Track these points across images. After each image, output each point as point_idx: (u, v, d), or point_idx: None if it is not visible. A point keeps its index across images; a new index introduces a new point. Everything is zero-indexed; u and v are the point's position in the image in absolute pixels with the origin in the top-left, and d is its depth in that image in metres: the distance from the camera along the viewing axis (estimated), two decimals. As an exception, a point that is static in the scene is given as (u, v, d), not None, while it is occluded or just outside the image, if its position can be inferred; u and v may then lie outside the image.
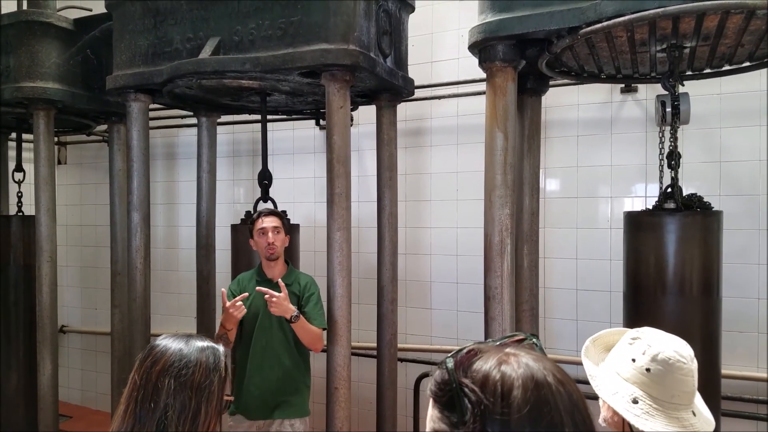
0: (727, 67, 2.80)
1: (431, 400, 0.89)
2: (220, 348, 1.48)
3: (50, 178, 3.92)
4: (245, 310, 2.93)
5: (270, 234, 3.11)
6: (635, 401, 1.36)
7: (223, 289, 3.03)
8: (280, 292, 2.91)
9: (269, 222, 3.13)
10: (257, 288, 2.96)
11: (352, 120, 4.06)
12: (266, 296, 2.86)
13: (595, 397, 1.48)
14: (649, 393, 1.36)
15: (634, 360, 1.40)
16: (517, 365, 0.83)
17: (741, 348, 3.42)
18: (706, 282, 2.53)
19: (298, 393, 3.16)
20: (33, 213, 3.98)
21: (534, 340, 0.94)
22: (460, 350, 0.89)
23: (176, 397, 1.35)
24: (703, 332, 2.56)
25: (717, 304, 2.58)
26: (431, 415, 0.88)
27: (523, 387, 0.80)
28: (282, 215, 3.24)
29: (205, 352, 1.43)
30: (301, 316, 2.97)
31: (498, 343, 0.92)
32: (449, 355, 0.89)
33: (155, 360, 1.39)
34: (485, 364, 0.84)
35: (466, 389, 0.82)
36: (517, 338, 0.94)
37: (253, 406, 3.12)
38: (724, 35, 2.30)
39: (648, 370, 1.36)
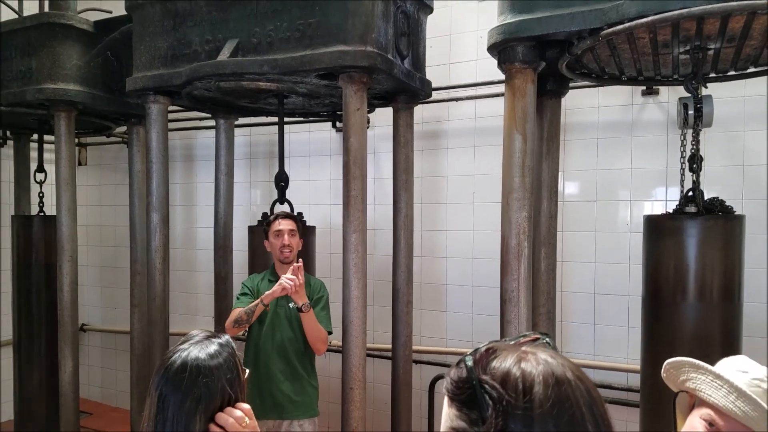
0: (752, 69, 2.74)
1: (447, 399, 0.88)
2: (224, 338, 1.44)
3: (71, 178, 3.97)
4: (300, 282, 2.91)
5: (286, 236, 3.13)
6: None
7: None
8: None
9: (286, 225, 3.16)
10: (294, 266, 2.94)
11: (368, 122, 4.07)
12: (288, 277, 2.89)
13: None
14: None
15: None
16: (536, 362, 0.83)
17: (761, 354, 3.35)
18: (727, 287, 2.49)
19: (305, 393, 3.19)
20: (54, 213, 4.04)
21: (547, 339, 0.94)
22: (478, 349, 0.89)
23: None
24: (724, 338, 2.51)
25: (738, 309, 2.53)
26: (448, 413, 0.88)
27: (544, 383, 0.80)
28: (298, 219, 3.26)
29: (221, 357, 1.39)
30: (312, 309, 3.03)
31: (513, 342, 0.92)
32: (467, 353, 0.89)
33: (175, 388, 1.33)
34: (504, 362, 0.84)
35: (487, 386, 0.82)
36: (530, 338, 0.94)
37: (263, 406, 3.14)
38: (750, 36, 2.25)
39: None
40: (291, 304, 3.09)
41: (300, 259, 2.98)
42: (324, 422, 3.33)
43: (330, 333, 3.19)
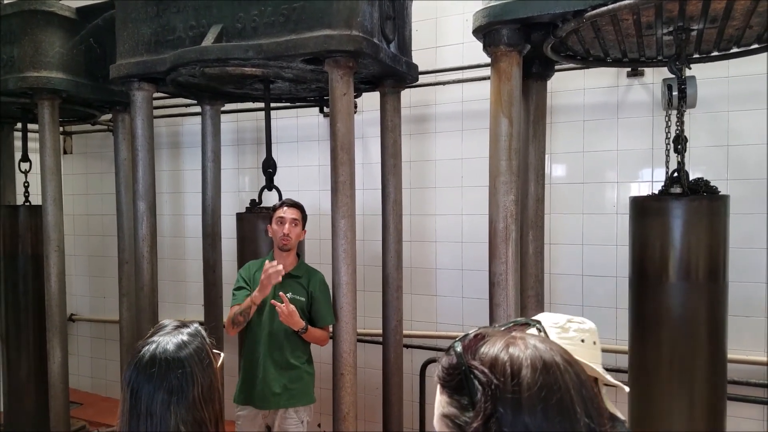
0: (735, 50, 2.76)
1: (439, 386, 0.89)
2: (193, 327, 1.43)
3: (56, 167, 3.93)
4: (281, 277, 2.95)
5: (287, 225, 3.14)
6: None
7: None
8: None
9: (289, 213, 3.16)
10: (272, 301, 3.00)
11: (356, 107, 4.05)
12: (276, 308, 2.94)
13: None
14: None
15: (582, 341, 1.60)
16: (524, 347, 0.84)
17: (748, 332, 3.41)
18: (712, 267, 2.52)
19: (301, 381, 3.20)
20: (40, 203, 4.00)
21: (537, 325, 0.95)
22: (467, 335, 0.90)
23: (185, 417, 1.31)
24: (709, 317, 2.55)
25: (723, 289, 2.57)
26: (440, 400, 0.89)
27: (531, 367, 0.81)
28: (303, 209, 3.26)
29: (190, 347, 1.36)
30: (309, 327, 3.08)
31: (503, 328, 0.92)
32: (456, 339, 0.90)
33: (148, 383, 1.32)
34: (493, 347, 0.85)
35: (476, 371, 0.83)
36: (521, 324, 0.95)
37: (259, 395, 3.15)
38: (732, 17, 2.26)
39: (583, 340, 1.59)
40: (289, 294, 3.09)
41: (287, 300, 2.97)
42: (316, 407, 3.34)
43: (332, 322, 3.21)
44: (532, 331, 0.97)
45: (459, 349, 0.87)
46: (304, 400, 3.22)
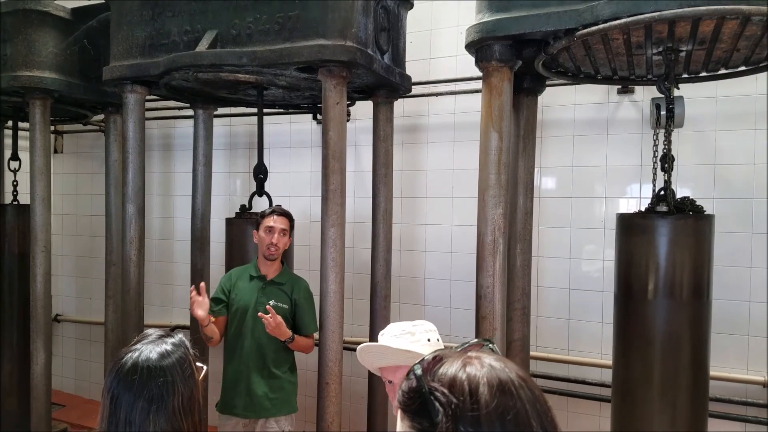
0: (723, 71, 2.80)
1: (400, 412, 0.91)
2: (178, 338, 1.43)
3: (46, 167, 3.91)
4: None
5: (276, 235, 3.12)
6: None
7: (193, 287, 3.07)
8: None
9: (279, 223, 3.15)
10: (259, 314, 2.99)
11: (349, 115, 4.07)
12: (263, 320, 2.93)
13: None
14: None
15: (428, 340, 1.82)
16: (480, 365, 0.87)
17: (731, 350, 3.45)
18: (696, 285, 2.54)
19: (283, 390, 3.18)
20: (28, 202, 3.98)
21: (491, 345, 0.99)
22: (424, 358, 0.93)
23: (164, 427, 1.31)
24: (693, 335, 2.57)
25: (707, 307, 2.59)
26: (401, 426, 0.90)
27: (488, 384, 0.84)
28: (292, 218, 3.25)
29: (173, 357, 1.37)
30: (295, 336, 3.08)
31: (459, 349, 0.96)
32: (415, 363, 0.92)
33: (128, 389, 1.32)
34: (451, 367, 0.88)
35: (437, 392, 0.85)
36: (476, 344, 0.98)
37: (240, 404, 3.13)
38: (720, 40, 2.30)
39: (429, 339, 1.81)
40: (272, 302, 3.08)
41: (272, 311, 2.95)
42: (301, 415, 3.34)
43: (316, 330, 3.20)
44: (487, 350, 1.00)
45: (419, 371, 0.89)
46: (286, 410, 3.20)
